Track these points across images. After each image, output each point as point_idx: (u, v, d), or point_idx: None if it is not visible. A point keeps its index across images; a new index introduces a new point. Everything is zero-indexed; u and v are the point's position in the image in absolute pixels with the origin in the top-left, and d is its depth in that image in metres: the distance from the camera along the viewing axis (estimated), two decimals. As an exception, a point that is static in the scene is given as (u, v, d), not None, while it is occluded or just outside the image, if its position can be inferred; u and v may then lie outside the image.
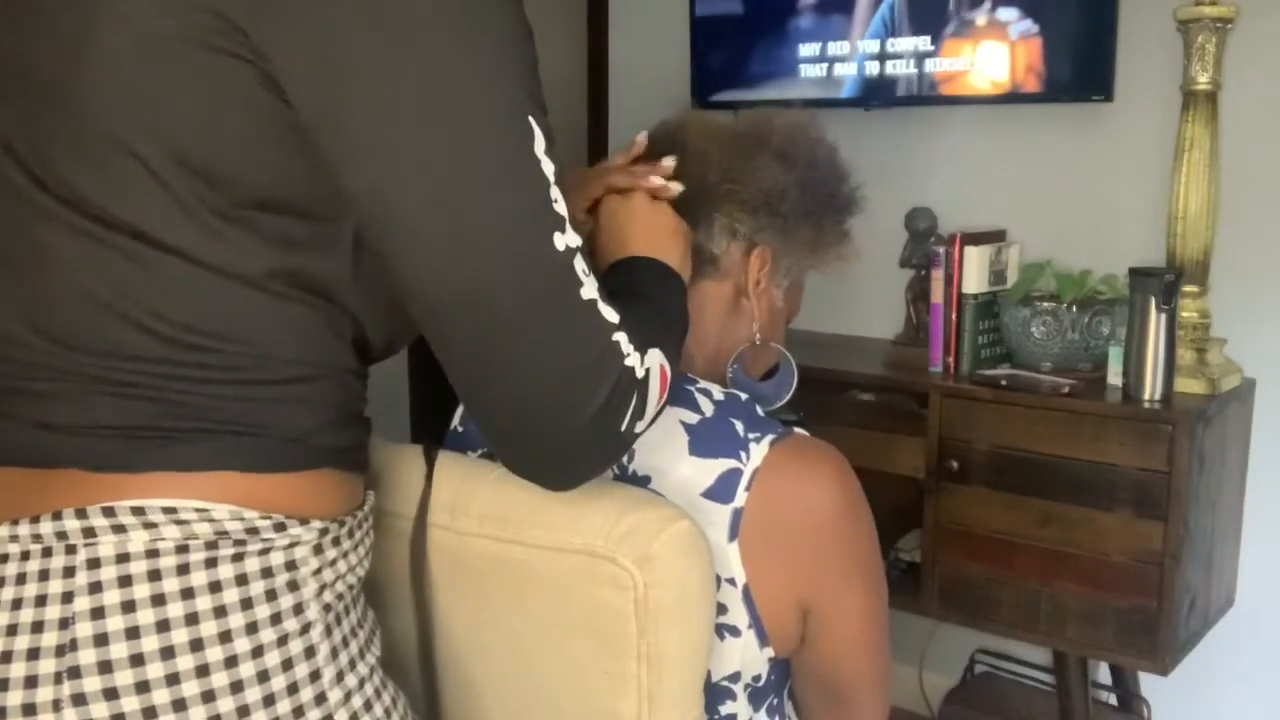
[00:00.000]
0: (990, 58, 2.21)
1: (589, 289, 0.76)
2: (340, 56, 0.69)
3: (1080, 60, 2.14)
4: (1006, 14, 2.18)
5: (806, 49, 2.43)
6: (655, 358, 0.82)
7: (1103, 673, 2.29)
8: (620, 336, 0.78)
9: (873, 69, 2.35)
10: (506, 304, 0.73)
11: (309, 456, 0.79)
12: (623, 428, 0.79)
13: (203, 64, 0.70)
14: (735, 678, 0.99)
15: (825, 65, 2.41)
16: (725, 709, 1.00)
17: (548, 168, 0.74)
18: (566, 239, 0.75)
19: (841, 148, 1.14)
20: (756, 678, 1.01)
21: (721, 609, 0.95)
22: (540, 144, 0.73)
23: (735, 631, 0.97)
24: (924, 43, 2.28)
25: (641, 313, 0.85)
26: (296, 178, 0.74)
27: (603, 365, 0.76)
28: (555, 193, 0.74)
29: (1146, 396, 1.89)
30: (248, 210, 0.74)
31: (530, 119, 0.73)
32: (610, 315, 0.77)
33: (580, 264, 0.76)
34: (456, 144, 0.71)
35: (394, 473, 0.98)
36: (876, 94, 2.36)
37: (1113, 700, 2.27)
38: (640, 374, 0.79)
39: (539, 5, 0.77)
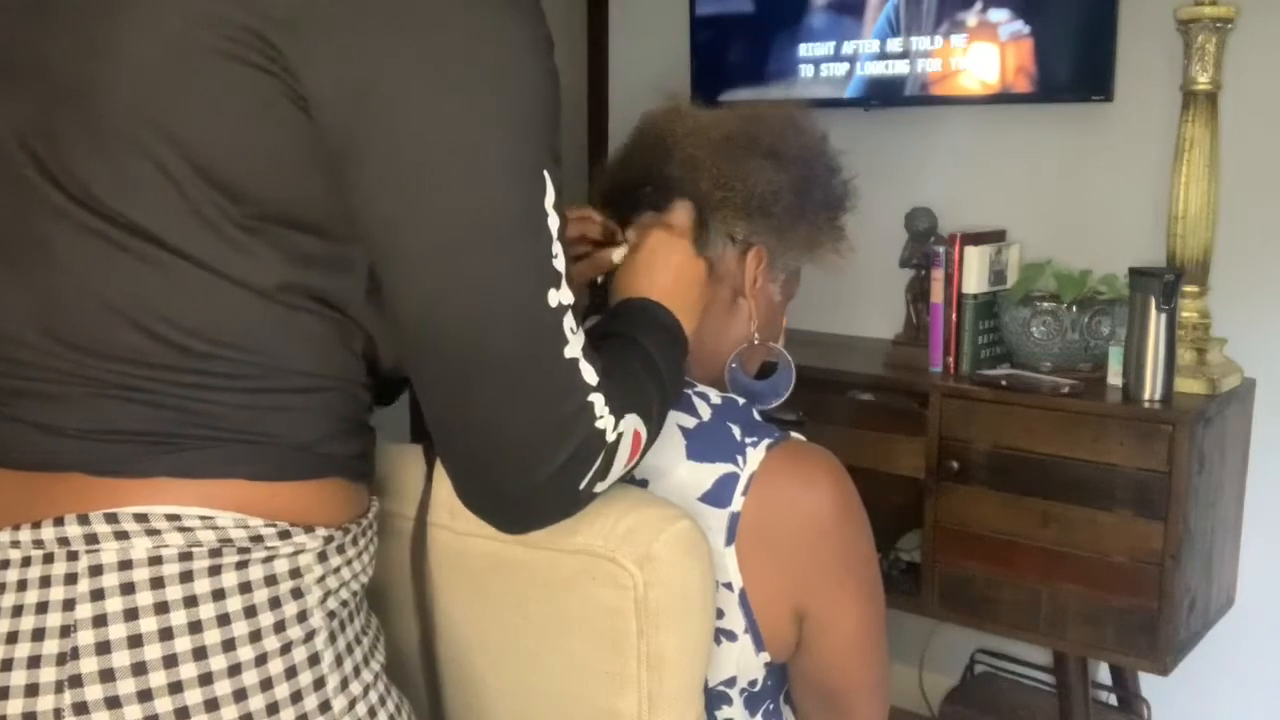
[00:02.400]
0: (990, 58, 2.21)
1: (573, 347, 0.76)
2: (372, 89, 0.69)
3: (1080, 60, 2.14)
4: (1005, 14, 2.18)
5: (806, 49, 2.43)
6: (631, 423, 0.81)
7: (1103, 673, 2.29)
8: (596, 398, 0.77)
9: (873, 69, 2.35)
10: (491, 351, 0.74)
11: (315, 465, 0.79)
12: (581, 486, 0.79)
13: (232, 76, 0.70)
14: (731, 683, 0.99)
15: (826, 65, 2.41)
16: (722, 714, 0.99)
17: (553, 222, 0.74)
18: (560, 295, 0.75)
19: (841, 148, 1.13)
20: (753, 683, 1.01)
21: (718, 614, 0.94)
22: (550, 198, 0.74)
23: (731, 636, 0.97)
24: (925, 43, 2.28)
25: (636, 376, 0.85)
26: (315, 195, 0.74)
27: (572, 423, 0.76)
28: (557, 248, 0.74)
29: (1146, 396, 1.88)
30: (264, 223, 0.74)
31: (545, 173, 0.74)
32: (589, 376, 0.77)
33: (569, 321, 0.76)
34: (473, 191, 0.72)
35: (394, 473, 0.98)
36: (877, 94, 2.36)
37: (1113, 700, 2.27)
38: (611, 437, 0.79)
39: (538, 7, 0.77)
